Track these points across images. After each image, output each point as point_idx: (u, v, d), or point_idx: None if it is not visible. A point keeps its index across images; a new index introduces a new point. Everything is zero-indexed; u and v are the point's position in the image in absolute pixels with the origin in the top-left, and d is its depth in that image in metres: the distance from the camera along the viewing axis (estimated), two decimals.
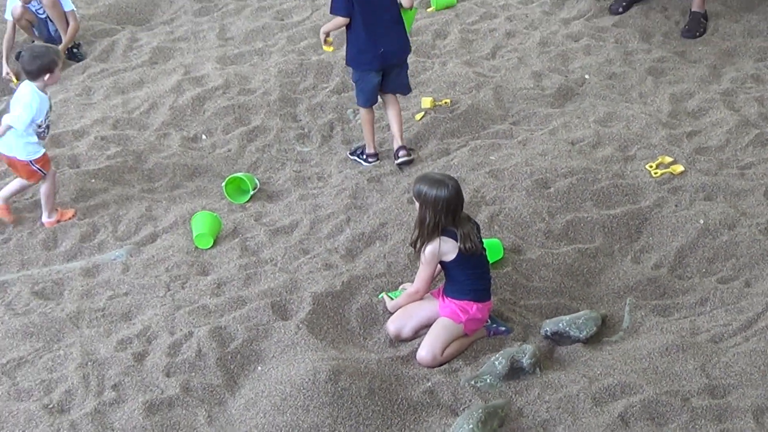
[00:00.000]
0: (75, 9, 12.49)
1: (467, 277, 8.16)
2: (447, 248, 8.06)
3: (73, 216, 10.08)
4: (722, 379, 7.69)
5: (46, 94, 9.79)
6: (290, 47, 12.16)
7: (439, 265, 8.20)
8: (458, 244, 8.03)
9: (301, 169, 10.44)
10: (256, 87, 11.47)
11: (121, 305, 8.85)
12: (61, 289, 9.14)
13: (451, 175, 8.80)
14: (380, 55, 10.19)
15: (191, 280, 9.08)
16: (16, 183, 10.02)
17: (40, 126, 9.77)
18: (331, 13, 10.26)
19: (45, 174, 9.89)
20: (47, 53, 9.90)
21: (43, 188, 9.95)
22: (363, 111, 10.46)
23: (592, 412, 7.50)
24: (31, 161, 9.80)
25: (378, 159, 10.49)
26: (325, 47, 10.36)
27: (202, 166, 10.55)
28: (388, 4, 10.16)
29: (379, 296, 8.59)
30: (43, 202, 10.03)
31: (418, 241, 8.12)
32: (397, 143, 10.40)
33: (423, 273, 8.20)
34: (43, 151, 9.87)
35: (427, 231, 8.04)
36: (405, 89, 10.56)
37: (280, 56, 11.97)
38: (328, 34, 10.24)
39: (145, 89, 11.66)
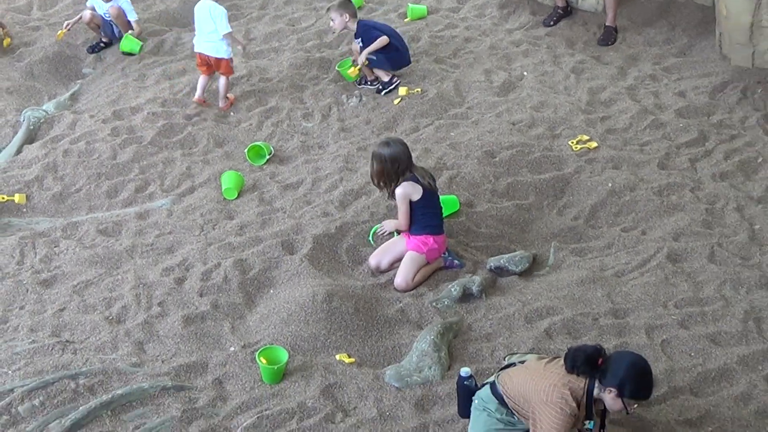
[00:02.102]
0: (138, 18, 12.40)
1: (425, 215, 8.17)
2: (412, 189, 8.07)
3: (234, 101, 11.07)
4: (623, 304, 7.71)
5: None
6: (299, 47, 12.06)
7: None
8: (421, 184, 8.07)
9: (305, 140, 10.39)
10: (272, 76, 11.39)
11: (166, 242, 8.82)
12: (120, 228, 9.11)
13: (419, 146, 8.75)
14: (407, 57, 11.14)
15: (220, 223, 9.05)
16: (222, 83, 10.89)
17: None
18: (371, 42, 10.80)
19: (233, 70, 10.92)
20: None
21: (224, 80, 10.89)
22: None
23: (525, 328, 7.52)
24: (231, 58, 10.79)
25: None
26: (354, 71, 10.89)
27: (230, 136, 10.49)
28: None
29: (370, 235, 8.56)
30: (221, 91, 10.92)
31: (384, 186, 8.18)
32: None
33: (400, 212, 8.17)
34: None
35: (389, 178, 8.10)
36: None
37: (291, 53, 11.88)
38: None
39: (186, 77, 11.57)
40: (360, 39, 10.91)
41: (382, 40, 10.75)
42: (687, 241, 8.43)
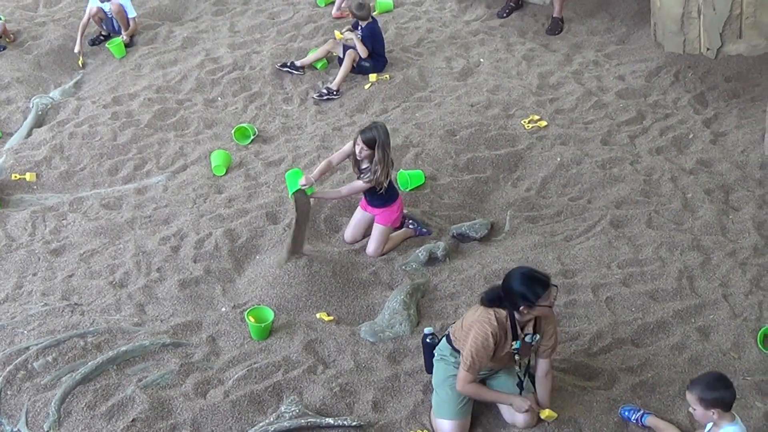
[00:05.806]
0: (136, 16, 12.24)
1: (388, 192, 8.03)
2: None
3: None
4: (571, 266, 7.74)
5: None
6: (278, 38, 11.95)
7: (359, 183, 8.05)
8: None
9: (286, 122, 10.31)
10: (255, 65, 11.28)
11: (162, 214, 8.76)
12: (121, 202, 9.03)
13: (387, 126, 8.72)
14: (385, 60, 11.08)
15: (211, 197, 8.99)
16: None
17: None
18: (366, 42, 10.80)
19: None
20: None
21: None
22: None
23: (484, 288, 7.46)
24: None
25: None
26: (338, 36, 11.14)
27: (218, 119, 10.39)
28: None
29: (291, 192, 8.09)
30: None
31: (381, 173, 7.83)
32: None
33: (357, 188, 8.06)
34: None
35: (385, 163, 7.87)
36: None
37: (272, 44, 11.77)
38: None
39: (178, 66, 11.44)
40: (361, 34, 10.83)
41: (363, 51, 10.72)
42: (627, 208, 8.45)
